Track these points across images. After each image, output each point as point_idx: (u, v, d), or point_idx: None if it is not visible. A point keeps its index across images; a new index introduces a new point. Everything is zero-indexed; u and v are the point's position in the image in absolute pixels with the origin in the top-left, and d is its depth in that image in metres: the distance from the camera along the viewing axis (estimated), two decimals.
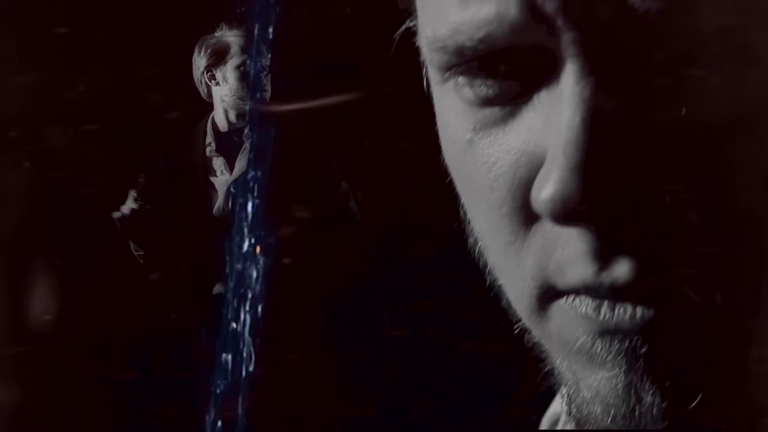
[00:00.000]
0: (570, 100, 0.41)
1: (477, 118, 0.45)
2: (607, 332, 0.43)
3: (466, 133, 0.46)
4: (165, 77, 3.33)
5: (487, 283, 0.49)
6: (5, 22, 3.27)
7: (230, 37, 3.24)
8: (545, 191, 0.41)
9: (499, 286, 0.49)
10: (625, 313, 0.42)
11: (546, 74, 0.43)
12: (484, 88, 0.45)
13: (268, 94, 3.21)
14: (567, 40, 0.41)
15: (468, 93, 0.45)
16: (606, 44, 0.41)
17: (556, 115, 0.42)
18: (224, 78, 3.22)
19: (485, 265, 0.49)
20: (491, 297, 0.49)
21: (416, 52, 0.51)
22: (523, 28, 0.42)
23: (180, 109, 3.31)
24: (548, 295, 0.45)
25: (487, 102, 0.45)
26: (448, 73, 0.46)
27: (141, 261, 3.21)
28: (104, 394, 3.24)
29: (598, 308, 0.43)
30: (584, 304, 0.44)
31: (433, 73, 0.48)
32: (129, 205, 3.10)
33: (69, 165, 3.13)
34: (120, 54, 3.36)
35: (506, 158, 0.44)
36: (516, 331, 0.49)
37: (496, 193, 0.45)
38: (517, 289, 0.47)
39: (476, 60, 0.44)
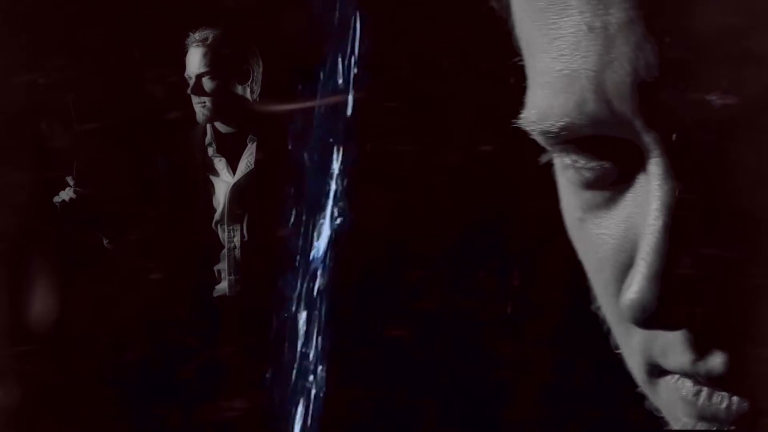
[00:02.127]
0: (654, 204, 0.42)
1: (583, 199, 0.46)
2: (705, 419, 0.44)
3: (576, 212, 0.47)
4: (165, 77, 3.32)
5: (613, 349, 0.50)
6: (5, 21, 3.26)
7: (191, 43, 3.18)
8: (626, 297, 0.42)
9: (619, 353, 0.50)
10: (721, 402, 0.43)
11: (641, 164, 0.43)
12: (584, 171, 0.45)
13: (255, 96, 3.18)
14: (648, 141, 0.42)
15: (571, 174, 0.46)
16: (689, 143, 0.41)
17: (648, 209, 0.42)
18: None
19: (608, 331, 0.50)
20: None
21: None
22: (603, 122, 0.42)
23: (180, 109, 3.30)
24: (656, 371, 0.46)
25: (589, 185, 0.46)
26: (550, 150, 0.47)
27: (112, 251, 3.19)
28: (105, 393, 3.24)
29: (697, 394, 0.44)
30: (685, 388, 0.44)
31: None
32: (67, 192, 3.09)
33: (69, 165, 3.13)
34: (120, 54, 3.36)
35: (610, 242, 0.45)
36: (637, 393, 0.50)
37: (603, 274, 0.46)
38: (630, 361, 0.48)
39: (570, 143, 0.45)
